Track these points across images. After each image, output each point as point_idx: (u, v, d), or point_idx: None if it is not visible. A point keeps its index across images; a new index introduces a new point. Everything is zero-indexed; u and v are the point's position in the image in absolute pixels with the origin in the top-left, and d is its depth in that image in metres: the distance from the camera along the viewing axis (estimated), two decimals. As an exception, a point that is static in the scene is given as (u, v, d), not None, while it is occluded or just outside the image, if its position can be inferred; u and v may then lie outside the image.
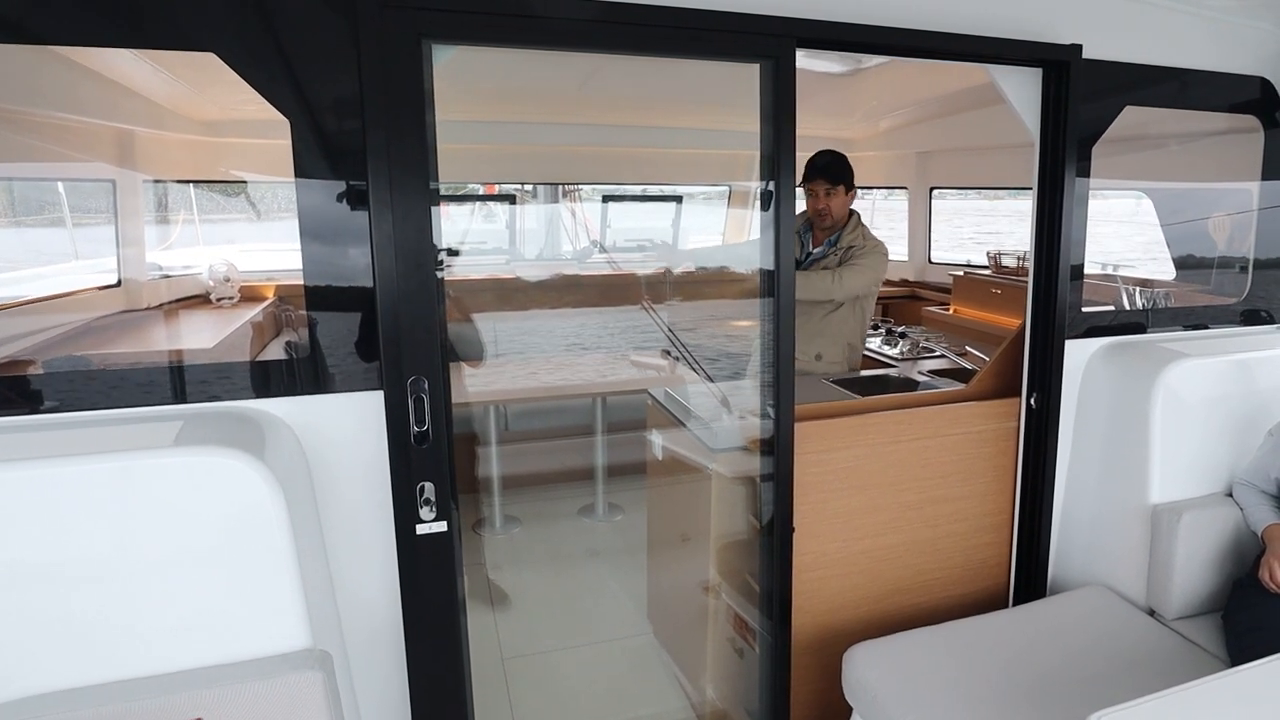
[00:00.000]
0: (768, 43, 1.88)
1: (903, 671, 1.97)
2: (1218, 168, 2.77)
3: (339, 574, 1.81)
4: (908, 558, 2.45)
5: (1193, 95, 2.49)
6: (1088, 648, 2.07)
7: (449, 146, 1.76)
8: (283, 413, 1.71)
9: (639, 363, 4.36)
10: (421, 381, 1.70)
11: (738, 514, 2.36)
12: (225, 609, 1.44)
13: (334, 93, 1.63)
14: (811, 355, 3.15)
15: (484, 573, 3.50)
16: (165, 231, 3.43)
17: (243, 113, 2.77)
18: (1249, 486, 2.24)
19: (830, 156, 3.01)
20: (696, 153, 5.34)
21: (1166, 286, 2.96)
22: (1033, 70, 2.26)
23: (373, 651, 1.86)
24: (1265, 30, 2.54)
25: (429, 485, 1.74)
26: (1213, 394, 2.34)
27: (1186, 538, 2.20)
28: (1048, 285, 2.35)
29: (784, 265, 2.00)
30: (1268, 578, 2.01)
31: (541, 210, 5.71)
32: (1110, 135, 2.35)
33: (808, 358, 3.14)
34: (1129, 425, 2.34)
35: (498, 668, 2.79)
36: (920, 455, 2.40)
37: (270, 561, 1.45)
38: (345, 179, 1.66)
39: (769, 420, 2.09)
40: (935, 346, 3.82)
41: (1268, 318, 2.76)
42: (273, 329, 2.96)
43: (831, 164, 3.00)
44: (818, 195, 3.01)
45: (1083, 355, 2.47)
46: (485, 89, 3.53)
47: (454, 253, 4.95)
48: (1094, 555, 2.47)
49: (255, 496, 1.41)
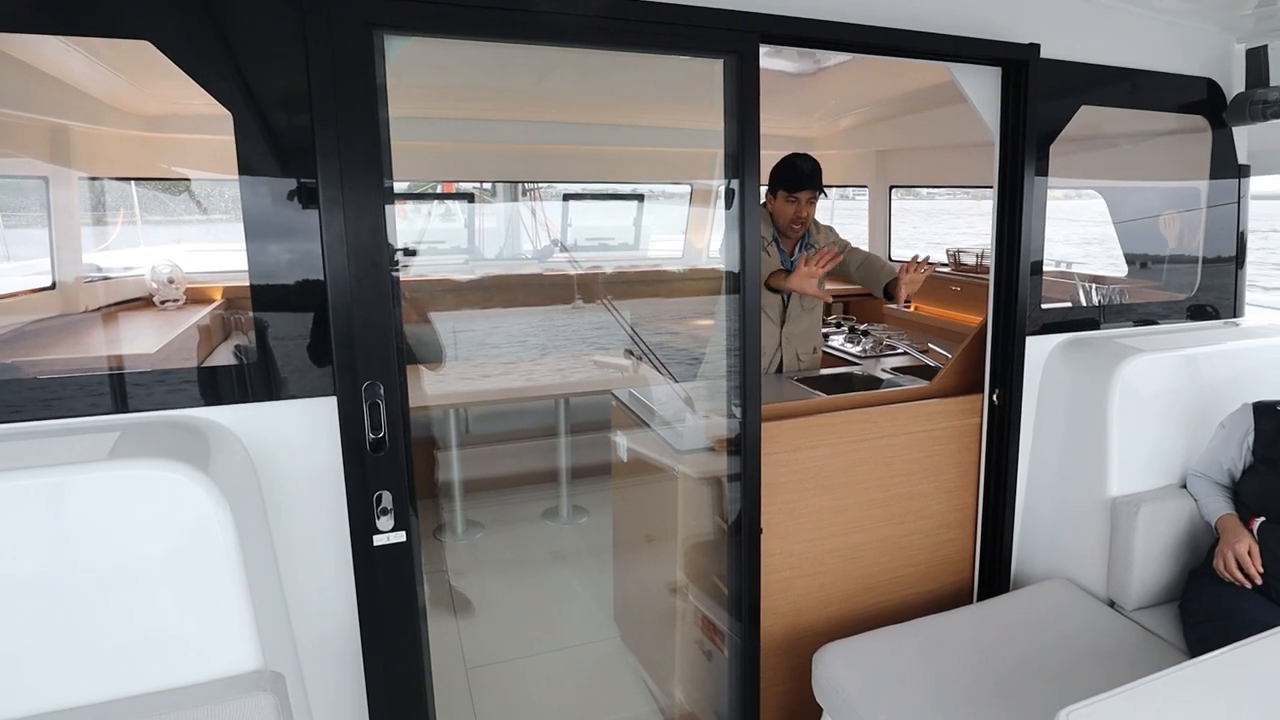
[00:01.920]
0: (731, 38, 1.86)
1: (872, 670, 1.97)
2: (1168, 167, 2.84)
3: (292, 589, 1.73)
4: (874, 556, 2.45)
5: (1144, 95, 2.54)
6: (1052, 641, 2.10)
7: (405, 143, 1.70)
8: (230, 421, 1.63)
9: (602, 363, 4.32)
10: (377, 386, 1.64)
11: (704, 515, 2.34)
12: (169, 631, 1.36)
13: (280, 85, 1.56)
14: (809, 351, 3.16)
15: (446, 580, 3.43)
16: (104, 231, 3.28)
17: (185, 106, 2.65)
18: (1202, 478, 2.29)
19: (813, 164, 2.90)
20: (658, 151, 5.31)
21: (1120, 283, 3.02)
22: (992, 69, 2.28)
23: (330, 669, 1.79)
24: (1211, 33, 2.61)
25: (386, 494, 1.68)
26: (1167, 388, 2.39)
27: (1144, 529, 2.24)
28: (1008, 282, 2.38)
29: (749, 264, 1.98)
30: (1221, 567, 2.05)
31: (501, 209, 5.63)
32: (1067, 134, 2.39)
33: (806, 353, 3.13)
34: (1088, 420, 2.38)
35: (461, 678, 2.72)
36: (885, 453, 2.41)
37: (217, 579, 1.37)
38: (293, 176, 1.59)
39: (735, 420, 2.07)
40: (898, 344, 3.86)
41: (1214, 313, 2.83)
42: (221, 333, 2.84)
43: (816, 172, 2.89)
44: (800, 203, 2.89)
45: (1042, 351, 2.51)
46: (442, 84, 3.45)
47: (411, 252, 4.84)
48: (1056, 549, 2.51)
49: (199, 511, 1.34)
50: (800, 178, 2.88)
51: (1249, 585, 2.01)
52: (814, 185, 2.88)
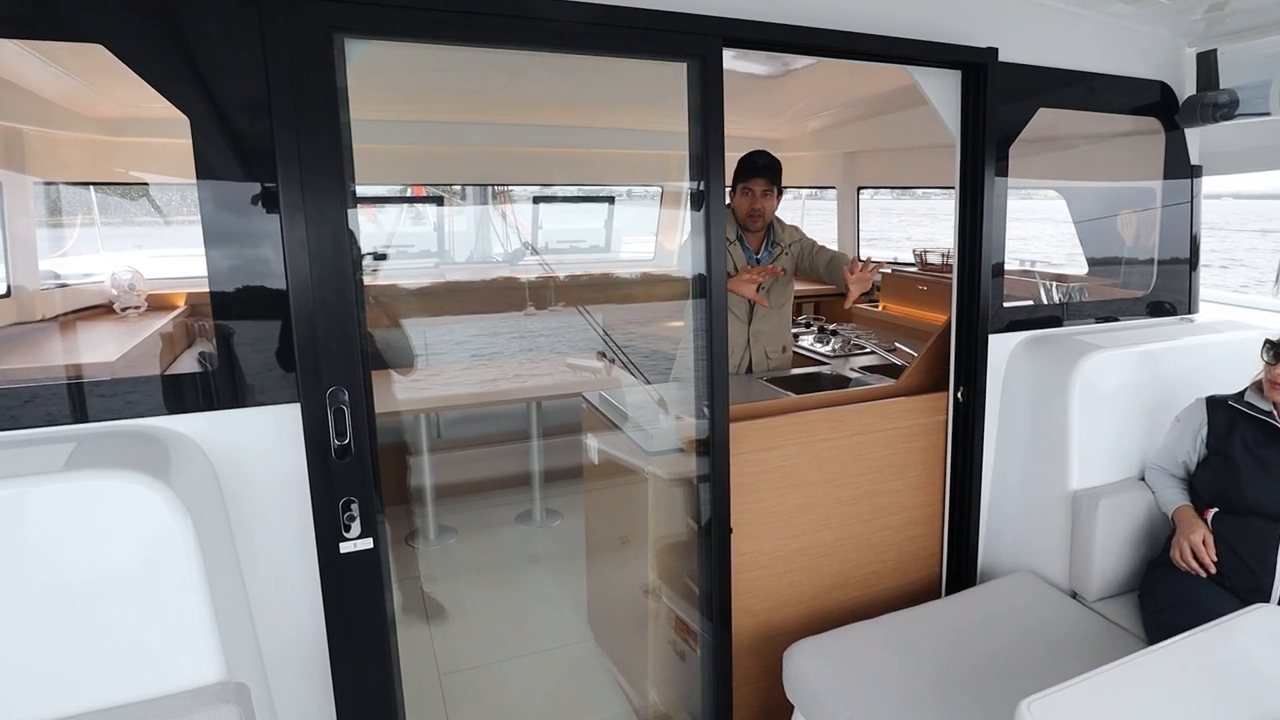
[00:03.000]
0: (695, 41, 1.87)
1: (841, 667, 1.99)
2: (1124, 168, 2.90)
3: (258, 599, 1.71)
4: (844, 553, 2.48)
5: (1100, 98, 2.60)
6: (1017, 633, 2.14)
7: (371, 146, 1.68)
8: (193, 429, 1.61)
9: (574, 365, 4.31)
10: (341, 392, 1.62)
11: (675, 516, 2.35)
12: (130, 644, 1.33)
13: (238, 89, 1.53)
14: (778, 350, 3.18)
15: (419, 586, 3.40)
16: (60, 237, 3.20)
17: (142, 110, 2.60)
18: (1159, 470, 2.34)
19: (769, 157, 2.97)
20: (627, 153, 5.31)
21: (1080, 281, 3.08)
22: (952, 72, 2.31)
23: (297, 679, 1.76)
24: (1163, 37, 2.68)
25: (353, 501, 1.66)
26: (1125, 383, 2.45)
27: (1105, 522, 2.29)
28: (971, 281, 2.42)
29: (715, 265, 1.99)
30: (1178, 557, 2.11)
31: (471, 212, 5.59)
32: (1026, 136, 2.43)
33: (775, 351, 3.16)
34: (1049, 415, 2.42)
35: (434, 685, 2.70)
36: (853, 451, 2.44)
37: (178, 591, 1.35)
38: (254, 180, 1.57)
39: (704, 421, 2.08)
40: (866, 343, 3.90)
41: (1171, 309, 2.91)
42: (184, 340, 2.79)
43: (771, 164, 2.96)
44: (754, 194, 2.95)
45: (1005, 349, 2.55)
46: (407, 86, 3.42)
47: (380, 256, 4.80)
48: (1020, 542, 2.55)
49: (158, 522, 1.31)
50: (754, 168, 2.95)
51: (1204, 574, 2.06)
52: (767, 175, 2.94)
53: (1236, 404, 2.15)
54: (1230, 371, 2.46)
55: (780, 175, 3.00)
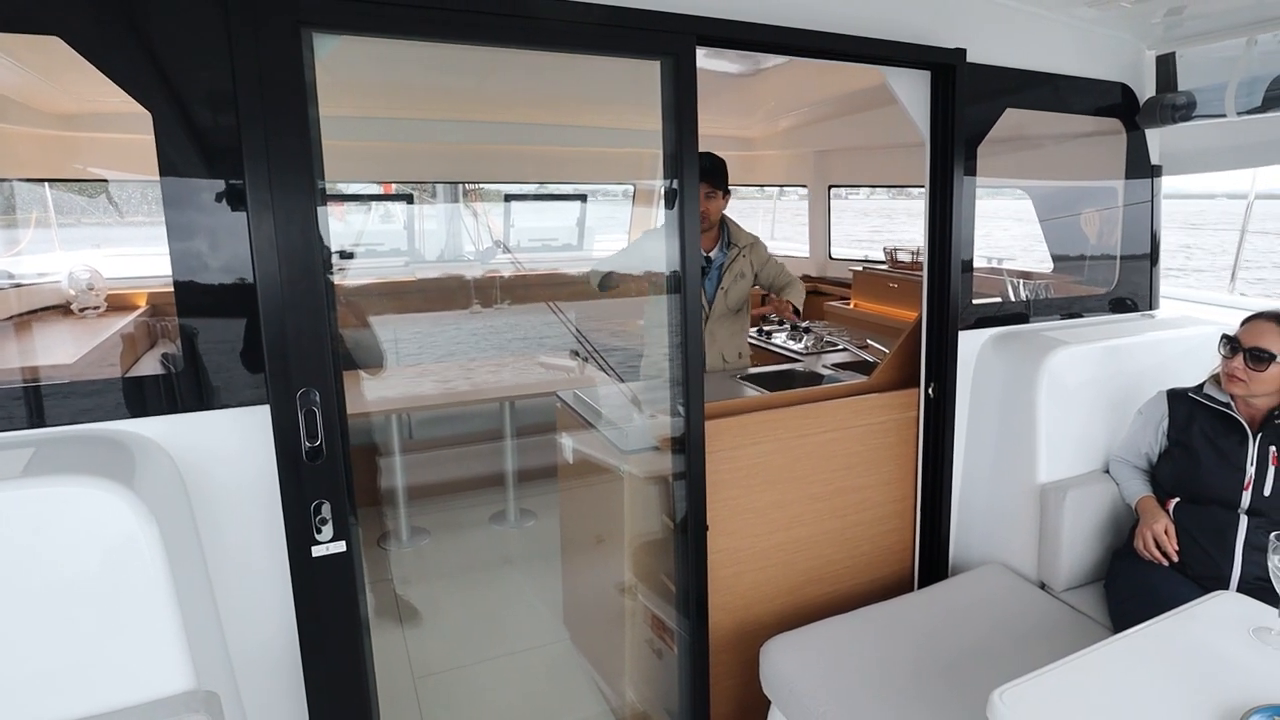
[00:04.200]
0: (668, 40, 1.87)
1: (817, 661, 2.01)
2: (1088, 168, 2.97)
3: (228, 605, 1.67)
4: (818, 549, 2.50)
5: (1065, 99, 2.65)
6: (988, 624, 2.17)
7: (339, 143, 1.65)
8: (158, 432, 1.57)
9: (547, 364, 4.29)
10: (312, 393, 1.59)
11: (651, 514, 2.35)
12: (96, 653, 1.29)
13: (203, 84, 1.50)
14: (735, 354, 3.22)
15: (392, 589, 3.36)
16: (14, 235, 3.10)
17: (102, 104, 2.53)
18: (1123, 462, 2.40)
19: (712, 160, 2.96)
20: (600, 151, 5.30)
21: (1046, 278, 3.14)
22: (922, 72, 2.34)
23: (268, 686, 1.73)
24: (1125, 41, 2.74)
25: (325, 504, 1.63)
26: (1090, 378, 2.50)
27: (1071, 514, 2.34)
28: (941, 279, 2.45)
29: (689, 264, 1.99)
30: (1141, 546, 2.16)
31: (442, 210, 5.54)
32: (994, 136, 2.47)
33: (732, 356, 3.19)
34: (1018, 410, 2.47)
35: (409, 688, 2.67)
36: (827, 448, 2.46)
37: (145, 598, 1.31)
38: (219, 177, 1.53)
39: (679, 419, 2.09)
40: (838, 340, 3.94)
41: (1133, 305, 2.98)
42: (147, 341, 2.72)
43: (714, 168, 2.97)
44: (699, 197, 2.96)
45: (974, 345, 2.59)
46: (378, 82, 3.37)
47: (347, 255, 4.72)
48: (990, 535, 2.60)
49: (123, 528, 1.28)
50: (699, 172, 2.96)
51: (1166, 563, 2.12)
52: (709, 179, 2.93)
53: (1196, 396, 2.21)
54: (1190, 365, 2.53)
55: (725, 178, 3.04)
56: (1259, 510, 2.04)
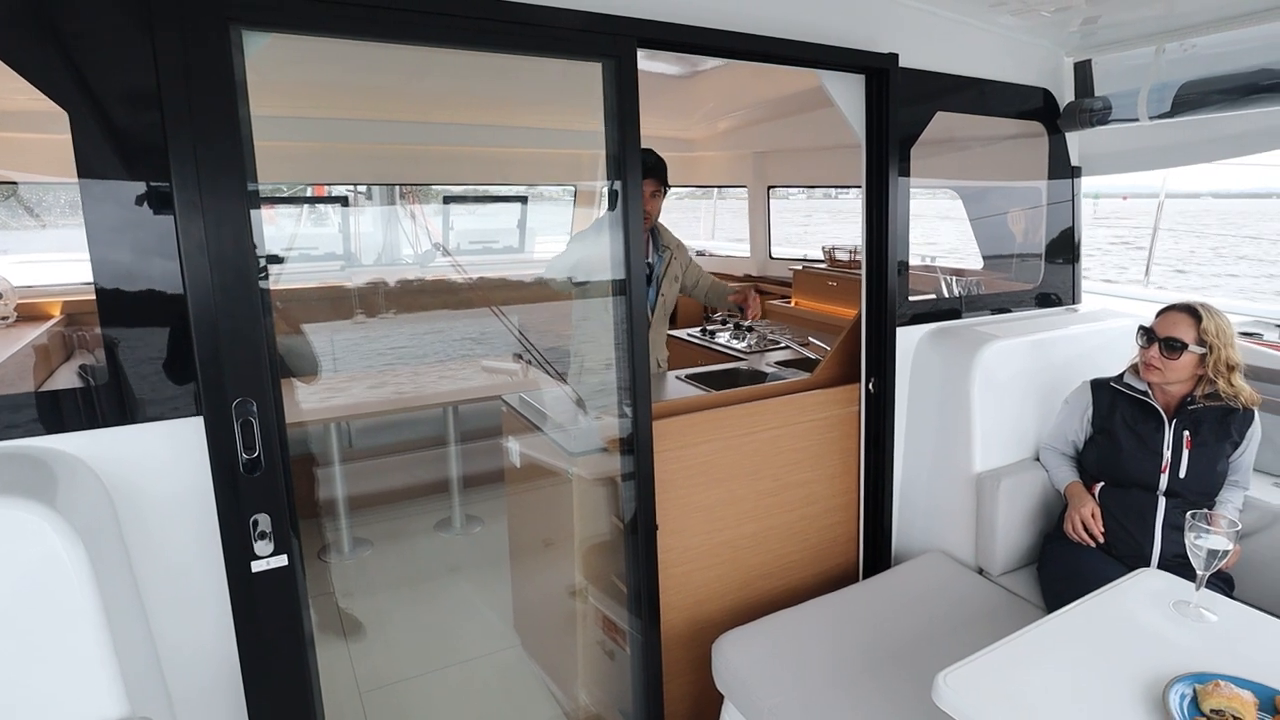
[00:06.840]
0: (610, 42, 1.87)
1: (768, 654, 2.04)
2: (1013, 169, 3.10)
3: (163, 626, 1.60)
4: (767, 544, 2.54)
5: (991, 103, 2.76)
6: (930, 610, 2.24)
7: (271, 144, 1.60)
8: (79, 449, 1.49)
9: (491, 368, 4.24)
10: (249, 404, 1.53)
11: (600, 516, 2.34)
12: (21, 682, 1.22)
13: (124, 82, 1.43)
14: (664, 356, 3.22)
15: (334, 602, 3.26)
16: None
17: (11, 102, 2.39)
18: (1051, 450, 2.51)
19: (655, 157, 2.94)
20: (540, 152, 5.26)
21: (976, 275, 3.27)
22: (857, 76, 2.41)
23: (208, 709, 1.66)
24: (1046, 48, 2.87)
25: (264, 517, 1.58)
26: (1019, 370, 2.61)
27: (1006, 501, 2.44)
28: (879, 277, 2.52)
29: (634, 265, 2.00)
30: (1070, 529, 2.26)
31: (378, 212, 5.41)
32: (926, 138, 2.56)
33: (662, 358, 3.20)
34: (953, 403, 2.56)
35: (355, 703, 2.60)
36: (772, 444, 2.50)
37: (71, 623, 1.24)
38: (144, 179, 1.46)
39: (627, 420, 2.09)
40: (780, 338, 4.00)
41: (1058, 300, 3.12)
42: (62, 352, 2.58)
43: (659, 165, 2.95)
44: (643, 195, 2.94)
45: (911, 341, 2.67)
46: (310, 81, 3.27)
47: (276, 259, 4.56)
48: (930, 524, 2.68)
49: (45, 549, 1.21)
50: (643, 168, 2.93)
51: (1094, 544, 2.22)
52: (655, 175, 2.91)
53: (1117, 385, 2.33)
54: (1110, 356, 2.67)
55: (666, 175, 3.00)
56: (1175, 491, 2.17)
